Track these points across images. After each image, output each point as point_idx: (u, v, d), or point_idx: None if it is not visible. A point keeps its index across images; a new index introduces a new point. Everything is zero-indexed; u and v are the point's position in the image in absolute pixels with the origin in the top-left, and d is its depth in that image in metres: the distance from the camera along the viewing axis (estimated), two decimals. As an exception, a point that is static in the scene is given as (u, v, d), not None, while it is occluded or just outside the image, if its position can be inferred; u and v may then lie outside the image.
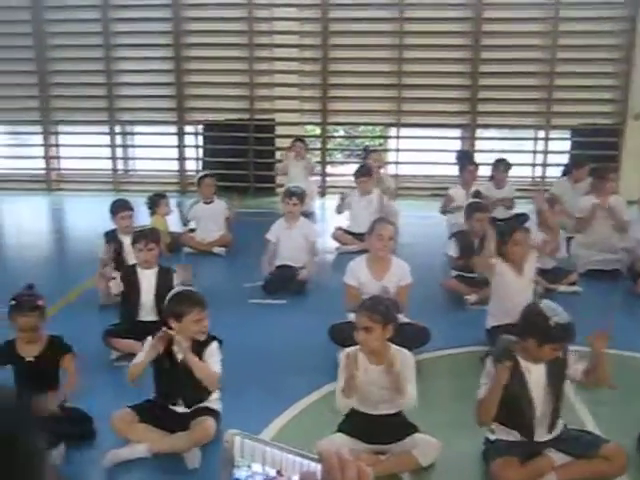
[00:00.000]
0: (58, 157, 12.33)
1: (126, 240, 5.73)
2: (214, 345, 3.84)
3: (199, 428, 3.65)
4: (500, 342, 4.47)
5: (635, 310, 6.22)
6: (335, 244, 7.98)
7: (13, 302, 3.81)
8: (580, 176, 8.32)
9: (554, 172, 10.80)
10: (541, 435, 3.50)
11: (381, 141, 12.71)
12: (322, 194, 11.14)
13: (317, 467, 0.94)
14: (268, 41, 11.40)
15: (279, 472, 0.95)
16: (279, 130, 11.60)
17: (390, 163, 11.38)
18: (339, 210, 8.21)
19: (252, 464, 0.96)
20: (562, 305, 3.59)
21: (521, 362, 3.45)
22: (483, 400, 3.44)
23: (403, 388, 3.51)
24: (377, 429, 3.58)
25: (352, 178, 8.22)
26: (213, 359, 3.80)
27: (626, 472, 3.46)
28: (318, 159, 11.61)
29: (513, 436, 3.50)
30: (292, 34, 11.30)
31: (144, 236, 5.06)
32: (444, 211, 8.14)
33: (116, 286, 5.11)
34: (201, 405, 3.84)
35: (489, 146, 11.57)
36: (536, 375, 3.45)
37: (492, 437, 3.55)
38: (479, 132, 11.53)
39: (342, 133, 13.93)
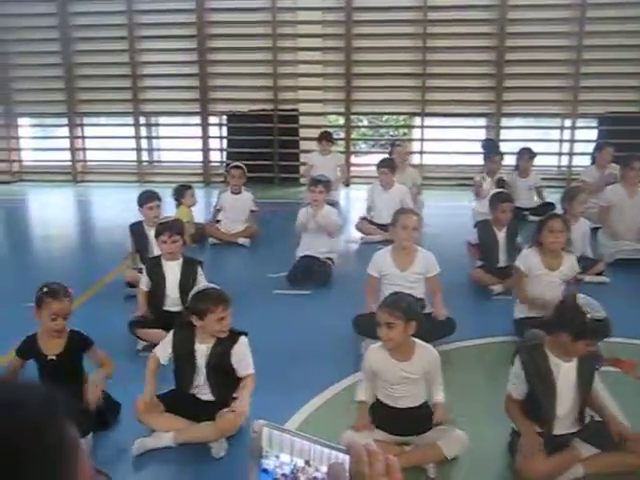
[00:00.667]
0: (84, 149, 12.46)
1: (151, 232, 5.77)
2: (242, 341, 3.80)
3: (225, 418, 3.66)
4: (529, 337, 4.45)
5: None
6: (359, 234, 7.97)
7: (45, 289, 3.79)
8: (603, 160, 8.28)
9: (581, 161, 10.69)
10: (568, 428, 3.47)
11: (405, 131, 12.65)
12: (346, 184, 11.13)
13: (345, 458, 0.94)
14: (291, 31, 11.38)
15: (307, 462, 0.95)
16: (303, 120, 11.59)
17: (414, 153, 11.32)
18: (368, 209, 8.17)
19: (280, 454, 0.96)
20: (589, 295, 3.55)
21: (550, 358, 3.40)
22: (512, 417, 3.49)
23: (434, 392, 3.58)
24: (401, 421, 3.58)
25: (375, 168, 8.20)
26: (245, 360, 3.79)
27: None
28: (342, 149, 11.60)
29: (539, 428, 3.47)
30: (315, 24, 11.27)
31: (168, 228, 5.08)
32: (476, 197, 8.09)
33: (145, 283, 5.13)
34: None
35: (515, 135, 11.45)
36: (566, 370, 3.40)
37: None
38: (504, 121, 11.41)
39: (366, 123, 13.88)
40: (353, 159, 12.05)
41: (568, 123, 11.39)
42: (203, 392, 3.84)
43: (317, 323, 5.43)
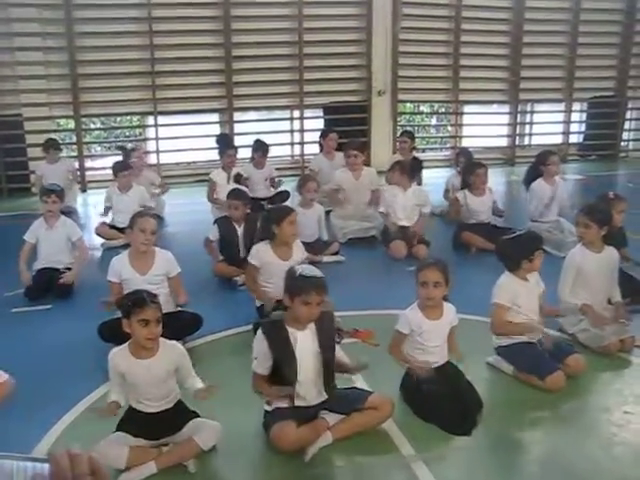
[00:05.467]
0: None
1: None
2: None
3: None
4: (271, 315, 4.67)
5: (389, 271, 6.77)
6: (100, 240, 7.74)
7: None
8: (328, 147, 8.87)
9: (311, 149, 11.33)
10: (313, 399, 3.69)
11: (140, 130, 12.44)
12: (83, 190, 10.69)
13: (46, 467, 0.95)
14: (6, 29, 10.57)
15: None
16: (28, 126, 10.86)
17: (151, 152, 11.19)
18: (105, 213, 7.96)
19: None
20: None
21: (289, 330, 3.61)
22: (260, 390, 3.61)
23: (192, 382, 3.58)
24: (157, 424, 3.54)
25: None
26: None
27: (392, 417, 3.79)
28: (75, 154, 11.11)
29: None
30: (32, 22, 10.59)
31: None
32: (211, 200, 8.20)
33: None
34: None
35: (248, 128, 11.80)
36: (302, 341, 3.61)
37: (269, 408, 3.68)
38: (237, 115, 11.71)
39: (100, 125, 13.42)
40: (88, 163, 11.59)
41: (297, 114, 12.00)
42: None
43: (62, 337, 5.18)
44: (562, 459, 3.57)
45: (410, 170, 7.31)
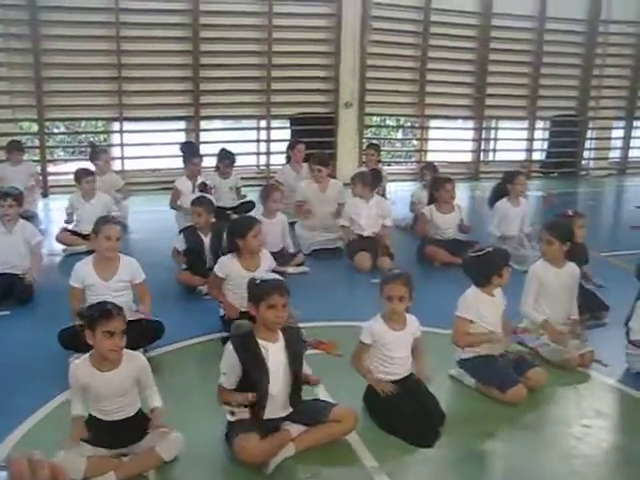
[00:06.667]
0: None
1: None
2: None
3: None
4: (235, 328, 4.64)
5: (353, 283, 6.79)
6: (61, 246, 7.60)
7: None
8: (296, 158, 8.88)
9: (278, 160, 11.31)
10: (279, 411, 3.67)
11: (105, 136, 12.29)
12: (44, 194, 10.52)
13: (3, 475, 0.92)
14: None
15: None
16: (-11, 128, 10.67)
17: (116, 158, 11.06)
18: (69, 220, 7.80)
19: None
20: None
21: (260, 341, 3.60)
22: (224, 401, 3.59)
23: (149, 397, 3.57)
24: (117, 433, 3.50)
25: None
26: None
27: (355, 429, 3.79)
28: (37, 158, 10.93)
29: (253, 409, 3.62)
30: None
31: None
32: (173, 207, 8.14)
33: None
34: None
35: (214, 137, 11.74)
36: (274, 350, 3.61)
37: (232, 418, 3.65)
38: (204, 124, 11.65)
39: (64, 129, 13.23)
40: (51, 168, 11.40)
41: (264, 124, 11.99)
42: None
43: (21, 343, 5.09)
44: (522, 471, 3.61)
45: (371, 181, 7.36)
